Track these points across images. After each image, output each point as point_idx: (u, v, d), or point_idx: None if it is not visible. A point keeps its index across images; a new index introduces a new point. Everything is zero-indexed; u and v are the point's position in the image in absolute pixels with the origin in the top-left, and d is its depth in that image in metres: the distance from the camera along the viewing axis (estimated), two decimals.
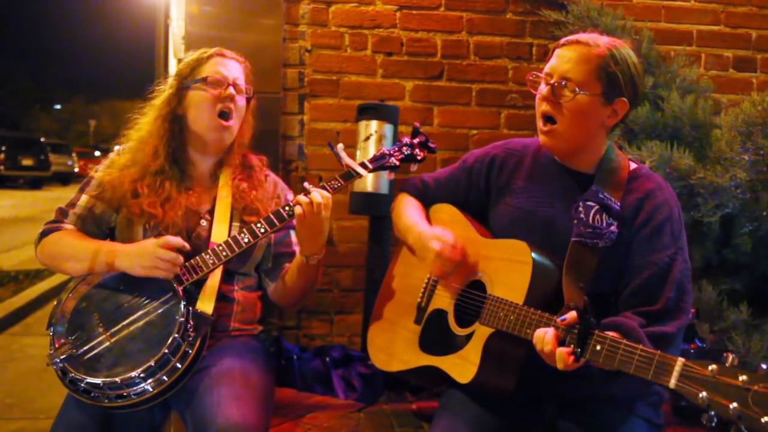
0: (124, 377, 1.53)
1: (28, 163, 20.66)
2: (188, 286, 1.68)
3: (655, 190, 1.52)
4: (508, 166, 1.69)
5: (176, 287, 1.66)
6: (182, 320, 1.60)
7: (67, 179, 23.38)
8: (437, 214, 1.82)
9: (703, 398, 1.05)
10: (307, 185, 1.71)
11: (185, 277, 1.68)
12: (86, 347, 1.60)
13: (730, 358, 1.07)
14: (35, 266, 6.17)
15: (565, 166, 1.60)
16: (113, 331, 1.62)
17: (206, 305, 1.67)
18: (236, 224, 1.82)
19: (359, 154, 2.60)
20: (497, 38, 3.07)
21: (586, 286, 1.41)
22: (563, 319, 1.30)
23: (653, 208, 1.48)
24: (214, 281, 1.72)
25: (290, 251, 1.91)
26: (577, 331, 1.27)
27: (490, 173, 1.71)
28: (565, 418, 1.50)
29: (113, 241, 1.84)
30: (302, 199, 1.66)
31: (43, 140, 23.94)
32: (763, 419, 0.99)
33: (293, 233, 1.90)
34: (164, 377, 1.57)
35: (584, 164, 1.58)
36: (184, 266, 1.69)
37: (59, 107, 49.59)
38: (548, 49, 3.05)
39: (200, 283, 1.70)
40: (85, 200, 1.81)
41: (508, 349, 1.45)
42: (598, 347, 1.23)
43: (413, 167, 1.94)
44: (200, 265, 1.70)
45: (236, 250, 1.71)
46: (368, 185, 2.57)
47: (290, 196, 1.97)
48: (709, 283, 2.30)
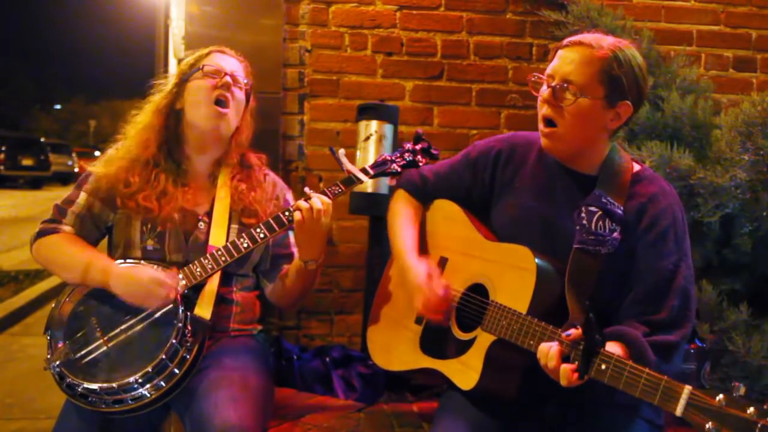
0: (121, 383, 1.53)
1: (28, 163, 20.65)
2: (186, 291, 1.67)
3: (658, 194, 1.49)
4: (512, 161, 1.66)
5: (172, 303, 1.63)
6: (180, 325, 1.59)
7: (67, 179, 23.32)
8: (437, 211, 1.80)
9: (709, 429, 1.03)
10: (307, 190, 1.70)
11: (183, 282, 1.66)
12: (83, 351, 1.59)
13: (740, 388, 1.05)
14: (35, 266, 6.14)
15: (567, 167, 1.58)
16: (111, 335, 1.61)
17: (204, 310, 1.66)
18: (235, 226, 1.80)
19: (359, 154, 2.60)
20: (497, 38, 3.07)
21: (591, 302, 1.39)
22: (568, 334, 1.28)
23: (657, 213, 1.46)
24: (212, 286, 1.70)
25: (289, 252, 1.91)
26: (581, 348, 1.24)
27: (495, 169, 1.67)
28: (566, 419, 1.50)
29: (110, 240, 1.82)
30: (302, 204, 1.65)
31: (43, 140, 23.93)
32: None
33: (292, 235, 1.88)
34: (162, 383, 1.57)
35: (586, 166, 1.56)
36: (183, 270, 1.68)
37: (59, 107, 49.56)
38: (548, 49, 3.06)
39: (198, 287, 1.69)
40: (83, 199, 1.79)
41: (510, 357, 1.43)
42: (603, 366, 1.21)
43: None
44: (199, 270, 1.68)
45: (235, 255, 1.70)
46: (368, 186, 2.56)
47: (289, 195, 1.97)
48: (709, 283, 2.29)
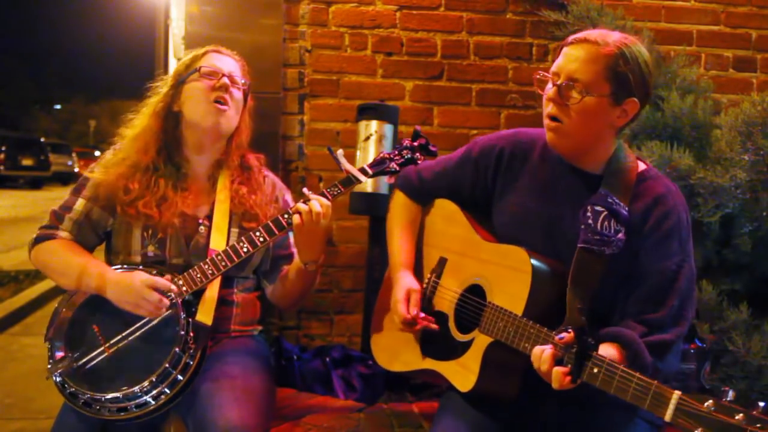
0: (126, 392, 1.52)
1: (28, 163, 20.64)
2: (187, 296, 1.65)
3: (665, 195, 1.48)
4: (515, 160, 1.63)
5: (176, 299, 1.63)
6: (183, 333, 1.59)
7: (67, 179, 23.31)
8: (436, 210, 1.79)
9: None
10: (306, 191, 1.69)
11: (184, 288, 1.65)
12: (85, 359, 1.59)
13: (729, 393, 1.06)
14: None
15: (572, 165, 1.56)
16: (112, 342, 1.60)
17: (206, 316, 1.66)
18: (235, 230, 1.79)
19: (359, 154, 2.60)
20: (497, 38, 3.07)
21: (589, 293, 1.40)
22: (561, 337, 1.28)
23: (662, 215, 1.45)
24: (213, 291, 1.70)
25: (289, 253, 1.90)
26: (574, 351, 1.24)
27: (498, 167, 1.64)
28: (566, 418, 1.50)
29: (109, 246, 1.81)
30: (301, 207, 1.64)
31: (43, 140, 23.94)
32: None
33: (292, 235, 1.88)
34: (166, 389, 1.56)
35: (592, 164, 1.53)
36: (183, 276, 1.67)
37: (59, 107, 49.47)
38: (548, 49, 3.06)
39: (199, 292, 1.68)
40: (81, 204, 1.76)
41: (508, 359, 1.42)
42: (595, 370, 1.22)
43: None
44: (199, 276, 1.67)
45: (235, 260, 1.69)
46: (368, 186, 2.56)
47: (288, 196, 1.96)
48: (709, 283, 2.29)
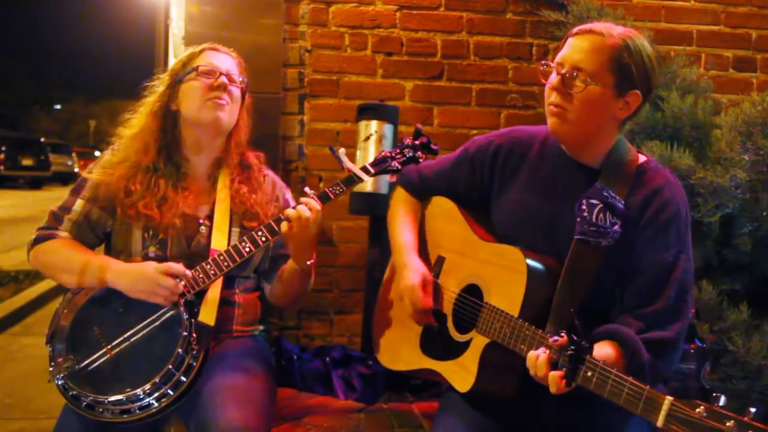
0: (129, 394, 1.52)
1: (28, 163, 20.64)
2: (190, 297, 1.65)
3: (663, 186, 1.48)
4: (513, 156, 1.63)
5: (178, 300, 1.62)
6: (185, 334, 1.58)
7: (67, 179, 23.29)
8: (435, 208, 1.79)
9: None
10: (307, 190, 1.70)
11: (187, 289, 1.64)
12: (87, 361, 1.58)
13: (721, 399, 1.07)
14: None
15: (571, 158, 1.55)
16: (114, 344, 1.59)
17: (208, 316, 1.64)
18: (236, 230, 1.79)
19: (359, 154, 2.60)
20: (497, 38, 3.07)
21: (586, 285, 1.40)
22: (555, 340, 1.28)
23: (660, 206, 1.45)
24: (215, 291, 1.68)
25: (287, 253, 1.90)
26: (568, 354, 1.24)
27: (494, 163, 1.64)
28: (565, 419, 1.49)
29: (109, 246, 1.81)
30: (291, 213, 1.64)
31: (43, 140, 23.93)
32: None
33: None
34: (169, 391, 1.55)
35: (592, 157, 1.53)
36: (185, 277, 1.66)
37: (59, 107, 49.44)
38: (548, 49, 3.07)
39: (201, 292, 1.67)
40: (80, 205, 1.75)
41: (505, 359, 1.42)
42: (589, 373, 1.22)
43: None
44: (202, 276, 1.66)
45: (237, 260, 1.68)
46: (368, 185, 2.56)
47: (288, 195, 1.96)
48: (709, 283, 2.29)
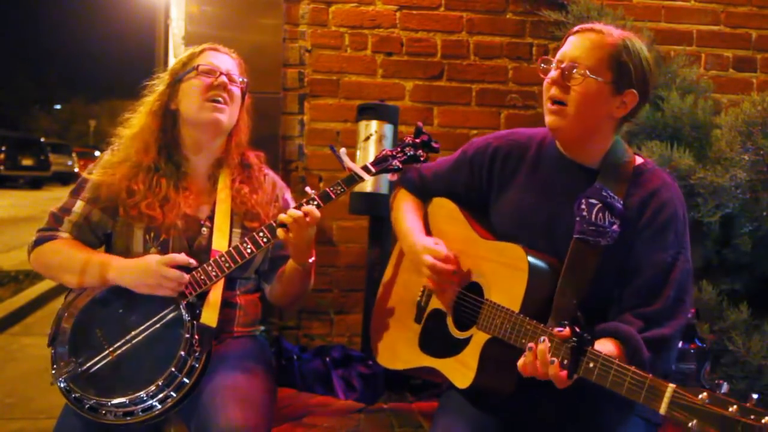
0: (132, 397, 1.51)
1: (28, 163, 20.64)
2: (192, 299, 1.64)
3: (660, 188, 1.49)
4: (511, 158, 1.64)
5: (179, 301, 1.62)
6: (188, 336, 1.57)
7: (67, 179, 23.28)
8: (436, 209, 1.80)
9: (692, 426, 1.05)
10: (308, 190, 1.70)
11: (188, 290, 1.64)
12: (89, 363, 1.57)
13: (723, 386, 1.07)
14: None
15: (569, 159, 1.56)
16: (116, 346, 1.59)
17: (210, 318, 1.64)
18: (237, 230, 1.78)
19: (359, 154, 2.60)
20: (497, 38, 3.08)
21: (585, 285, 1.41)
22: (560, 330, 1.29)
23: (658, 206, 1.46)
24: (216, 292, 1.68)
25: (287, 254, 1.90)
26: (570, 346, 1.25)
27: (492, 166, 1.66)
28: (564, 416, 1.50)
29: (109, 248, 1.80)
30: (285, 218, 1.64)
31: (43, 140, 23.93)
32: None
33: None
34: (172, 393, 1.55)
35: (589, 157, 1.54)
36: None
37: (59, 107, 49.41)
38: (548, 49, 3.07)
39: (203, 294, 1.67)
40: (80, 207, 1.75)
41: (505, 355, 1.42)
42: (590, 365, 1.23)
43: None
44: (203, 278, 1.65)
45: (239, 261, 1.67)
46: (368, 185, 2.56)
47: (288, 195, 1.96)
48: (709, 283, 2.29)
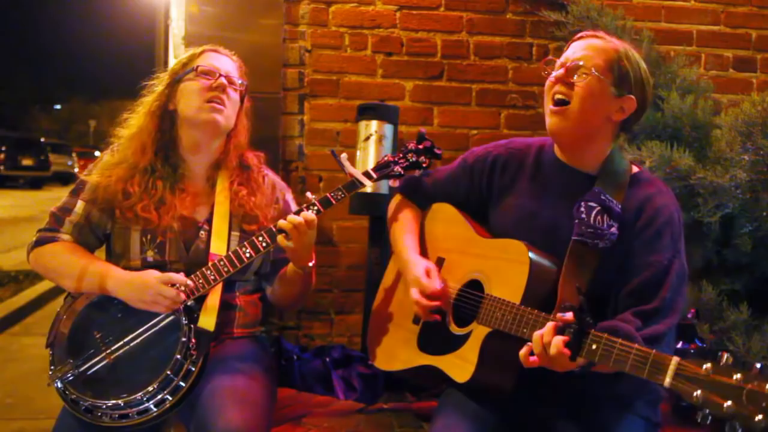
0: (127, 399, 1.51)
1: (28, 163, 20.67)
2: (189, 302, 1.64)
3: (656, 194, 1.52)
4: (510, 166, 1.68)
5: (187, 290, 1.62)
6: (184, 339, 1.57)
7: (67, 179, 23.26)
8: (435, 214, 1.82)
9: (697, 396, 1.06)
10: (308, 195, 1.70)
11: (186, 294, 1.63)
12: (86, 365, 1.58)
13: (725, 357, 1.08)
14: None
15: (568, 165, 1.59)
16: (113, 349, 1.59)
17: (208, 322, 1.64)
18: (235, 234, 1.78)
19: (359, 154, 2.60)
20: (497, 38, 3.07)
21: (583, 286, 1.41)
22: (562, 315, 1.31)
23: (654, 211, 1.49)
24: (215, 296, 1.68)
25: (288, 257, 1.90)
26: (573, 330, 1.27)
27: (492, 174, 1.69)
28: (563, 415, 1.50)
29: (109, 248, 1.80)
30: (286, 225, 1.64)
31: (43, 140, 23.98)
32: (756, 417, 1.00)
33: None
34: (168, 396, 1.55)
35: (588, 163, 1.57)
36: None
37: (59, 107, 49.40)
38: (548, 49, 3.07)
39: (201, 298, 1.66)
40: (81, 207, 1.75)
41: (506, 348, 1.44)
42: (594, 346, 1.24)
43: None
44: (201, 281, 1.65)
45: (238, 265, 1.67)
46: (368, 186, 2.56)
47: (289, 196, 1.96)
48: (709, 283, 2.30)
